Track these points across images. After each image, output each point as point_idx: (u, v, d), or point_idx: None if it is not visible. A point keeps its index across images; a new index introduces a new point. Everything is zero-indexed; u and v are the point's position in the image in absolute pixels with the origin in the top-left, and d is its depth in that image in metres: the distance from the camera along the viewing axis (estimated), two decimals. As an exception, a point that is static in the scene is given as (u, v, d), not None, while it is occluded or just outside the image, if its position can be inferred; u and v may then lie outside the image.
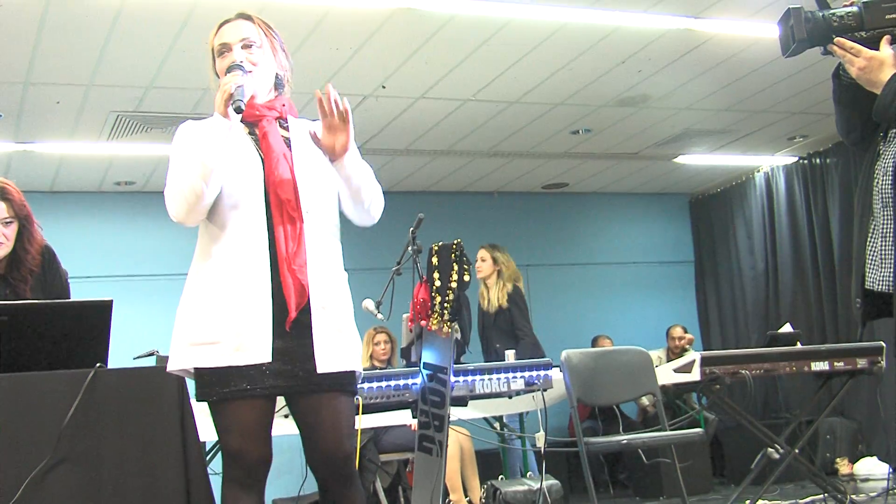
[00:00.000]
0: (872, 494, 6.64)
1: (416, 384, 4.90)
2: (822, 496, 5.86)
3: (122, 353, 3.93)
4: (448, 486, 7.10)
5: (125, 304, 4.31)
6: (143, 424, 3.06)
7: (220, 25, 3.14)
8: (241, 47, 3.07)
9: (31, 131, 7.64)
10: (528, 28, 6.51)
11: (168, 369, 2.93)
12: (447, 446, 4.82)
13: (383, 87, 7.26)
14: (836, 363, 5.78)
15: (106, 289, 3.87)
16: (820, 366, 5.76)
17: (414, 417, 5.11)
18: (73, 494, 2.93)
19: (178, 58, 6.47)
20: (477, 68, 7.14)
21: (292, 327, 2.86)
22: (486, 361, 7.00)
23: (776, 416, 9.05)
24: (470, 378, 5.01)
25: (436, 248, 4.80)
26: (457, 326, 4.76)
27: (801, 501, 6.30)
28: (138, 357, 4.73)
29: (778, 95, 8.26)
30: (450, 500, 7.21)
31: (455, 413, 5.19)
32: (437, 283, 4.74)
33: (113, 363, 3.29)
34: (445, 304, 4.72)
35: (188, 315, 2.91)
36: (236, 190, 2.91)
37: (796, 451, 5.76)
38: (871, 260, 3.14)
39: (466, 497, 7.37)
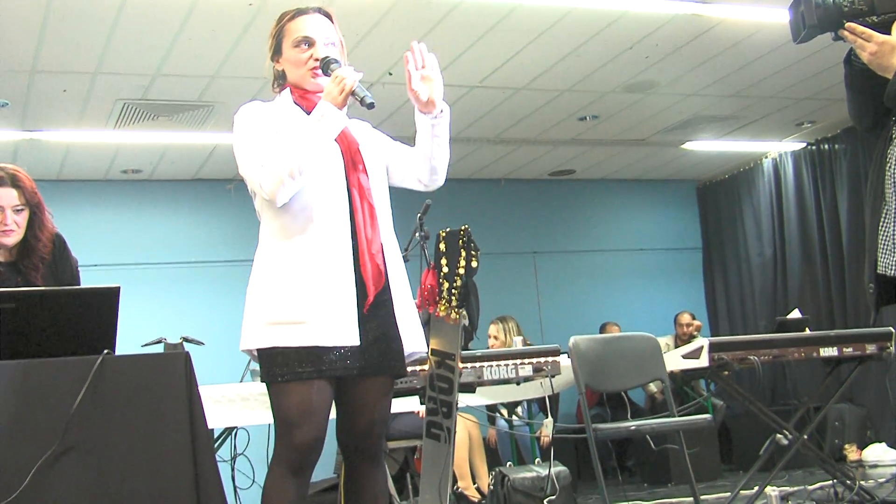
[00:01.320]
0: (881, 480, 6.64)
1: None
2: (830, 482, 5.85)
3: (130, 340, 3.93)
4: (456, 473, 7.11)
5: (132, 292, 4.32)
6: (152, 411, 3.05)
7: (296, 14, 3.18)
8: (324, 45, 3.15)
9: (38, 119, 7.64)
10: (535, 14, 6.49)
11: (241, 348, 3.03)
12: (455, 433, 4.82)
13: (390, 73, 7.25)
14: (844, 349, 5.76)
15: (113, 277, 3.87)
16: (829, 352, 5.74)
17: (422, 404, 5.11)
18: (81, 481, 2.93)
19: (184, 45, 6.46)
20: (483, 55, 7.12)
21: (367, 310, 2.98)
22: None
23: (784, 402, 9.05)
24: (478, 364, 5.01)
25: (443, 234, 4.79)
26: (465, 313, 4.75)
27: (809, 487, 6.28)
28: (146, 345, 4.73)
29: (786, 81, 8.23)
30: (458, 487, 7.22)
31: (463, 400, 5.19)
32: (445, 270, 4.74)
33: (120, 351, 3.28)
34: (453, 291, 4.71)
35: (267, 295, 2.97)
36: (320, 177, 3.00)
37: (805, 437, 5.74)
38: (883, 244, 3.13)
39: (475, 484, 7.38)
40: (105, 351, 3.04)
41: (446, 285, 4.71)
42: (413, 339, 3.09)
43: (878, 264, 3.14)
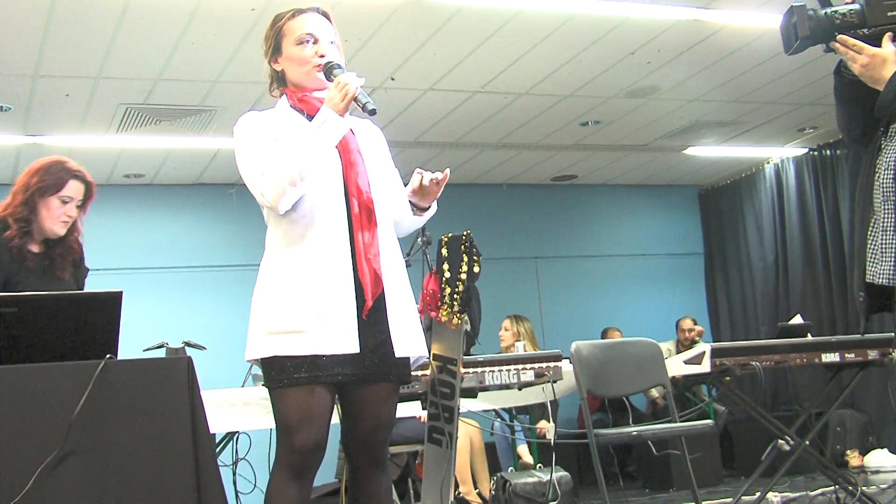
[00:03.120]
0: (883, 486, 6.63)
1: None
2: (832, 488, 5.85)
3: (132, 345, 3.93)
4: (458, 478, 7.11)
5: (134, 296, 4.31)
6: (153, 416, 3.05)
7: (296, 13, 3.19)
8: (328, 43, 3.17)
9: (40, 124, 7.65)
10: (537, 19, 6.49)
11: (246, 359, 3.06)
12: (457, 438, 4.82)
13: (392, 79, 7.26)
14: (846, 355, 5.78)
15: (115, 281, 3.88)
16: (830, 357, 5.75)
17: (424, 409, 5.11)
18: (82, 486, 2.93)
19: (186, 50, 6.47)
20: (485, 60, 7.13)
21: (367, 316, 2.98)
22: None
23: (786, 407, 9.04)
24: (479, 370, 5.01)
25: (445, 239, 4.79)
26: (466, 318, 4.75)
27: (811, 493, 6.28)
28: (148, 349, 4.73)
29: (787, 87, 8.24)
30: (459, 493, 7.21)
31: (464, 405, 5.19)
32: (447, 275, 4.74)
33: (122, 356, 3.28)
34: (455, 296, 4.71)
35: (268, 305, 3.00)
36: (318, 183, 3.01)
37: (806, 442, 5.75)
38: (872, 253, 3.17)
39: (476, 489, 7.38)
40: (107, 356, 3.04)
41: (448, 290, 4.71)
42: (409, 344, 3.07)
43: (867, 273, 3.18)
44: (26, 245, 3.97)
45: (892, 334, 5.69)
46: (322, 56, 3.11)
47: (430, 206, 3.24)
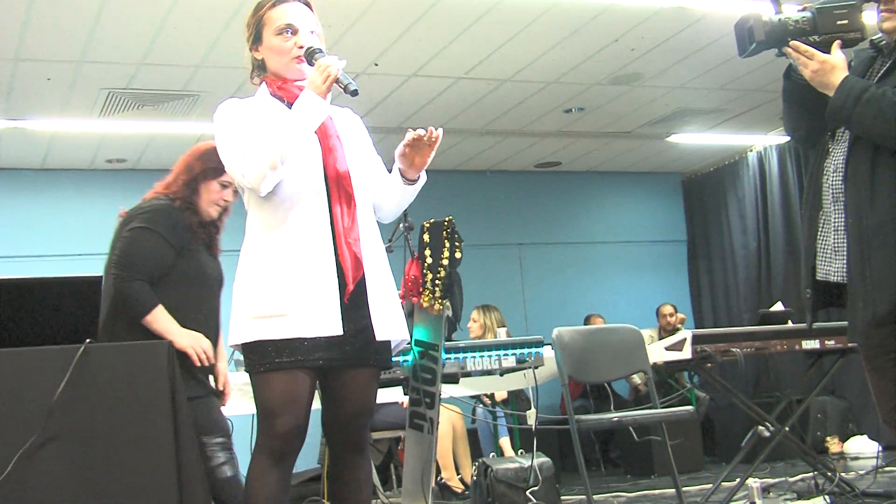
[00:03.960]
0: (862, 472, 6.67)
1: (407, 361, 4.91)
2: (812, 474, 5.87)
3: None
4: (440, 463, 7.13)
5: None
6: (134, 400, 3.05)
7: (277, 2, 3.17)
8: (308, 33, 3.15)
9: (22, 108, 7.60)
10: (521, 6, 6.49)
11: (229, 344, 3.06)
12: (438, 424, 4.83)
13: (376, 64, 7.25)
14: (826, 342, 5.82)
15: (96, 266, 3.86)
16: (811, 344, 5.79)
17: (405, 394, 5.12)
18: (63, 470, 2.93)
19: (169, 34, 6.44)
20: (469, 46, 7.12)
21: (348, 300, 2.97)
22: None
23: (767, 394, 9.07)
24: (461, 355, 5.02)
25: (427, 225, 4.80)
26: (448, 304, 4.77)
27: (791, 479, 6.31)
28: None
29: (771, 74, 8.24)
30: (441, 478, 7.24)
31: (446, 391, 5.20)
32: (429, 261, 4.75)
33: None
34: (437, 282, 4.72)
35: (250, 290, 3.00)
36: (297, 168, 3.01)
37: (787, 429, 5.78)
38: (823, 252, 3.29)
39: (458, 475, 7.40)
40: (87, 340, 3.04)
41: (430, 276, 4.72)
42: (390, 327, 3.07)
43: (818, 271, 3.30)
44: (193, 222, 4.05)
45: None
46: (301, 48, 3.10)
47: (418, 178, 3.21)
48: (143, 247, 3.90)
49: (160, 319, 3.80)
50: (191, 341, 3.82)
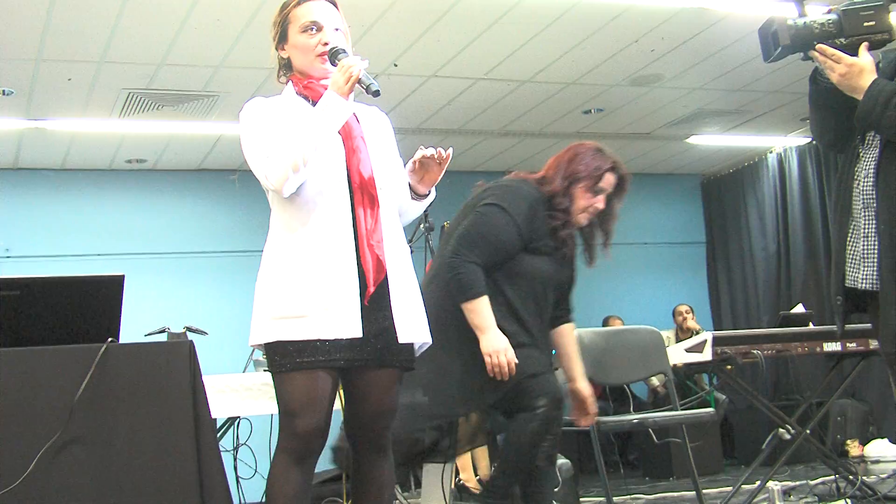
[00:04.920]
0: (883, 476, 6.64)
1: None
2: (832, 477, 5.85)
3: (133, 330, 3.93)
4: (458, 464, 7.12)
5: (136, 281, 4.32)
6: (155, 400, 3.06)
7: (302, 1, 3.17)
8: (333, 31, 3.16)
9: (43, 108, 7.64)
10: (541, 7, 6.48)
11: (250, 343, 3.04)
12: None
13: (395, 65, 7.25)
14: (848, 344, 5.77)
15: (117, 266, 3.88)
16: (832, 347, 5.75)
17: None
18: (84, 469, 2.94)
19: (189, 35, 6.46)
20: (489, 47, 7.11)
21: (369, 302, 2.96)
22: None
23: (787, 397, 9.04)
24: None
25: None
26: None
27: (811, 482, 6.28)
28: (149, 334, 4.73)
29: (791, 76, 8.20)
30: (460, 479, 7.22)
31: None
32: (449, 262, 4.72)
33: (124, 340, 3.29)
34: (457, 283, 4.69)
35: (272, 289, 2.99)
36: (320, 169, 3.00)
37: (807, 432, 5.75)
38: (852, 259, 3.25)
39: (476, 476, 7.39)
40: (109, 339, 3.05)
41: (450, 277, 4.69)
42: (412, 330, 3.06)
43: (847, 277, 3.26)
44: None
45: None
46: (325, 45, 3.10)
47: (428, 193, 3.22)
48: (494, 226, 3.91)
49: (478, 311, 3.76)
50: (493, 348, 3.75)
